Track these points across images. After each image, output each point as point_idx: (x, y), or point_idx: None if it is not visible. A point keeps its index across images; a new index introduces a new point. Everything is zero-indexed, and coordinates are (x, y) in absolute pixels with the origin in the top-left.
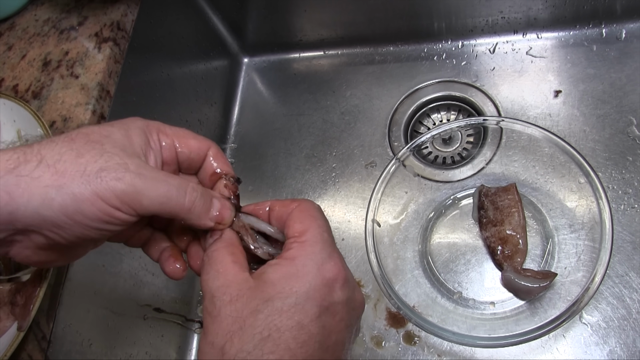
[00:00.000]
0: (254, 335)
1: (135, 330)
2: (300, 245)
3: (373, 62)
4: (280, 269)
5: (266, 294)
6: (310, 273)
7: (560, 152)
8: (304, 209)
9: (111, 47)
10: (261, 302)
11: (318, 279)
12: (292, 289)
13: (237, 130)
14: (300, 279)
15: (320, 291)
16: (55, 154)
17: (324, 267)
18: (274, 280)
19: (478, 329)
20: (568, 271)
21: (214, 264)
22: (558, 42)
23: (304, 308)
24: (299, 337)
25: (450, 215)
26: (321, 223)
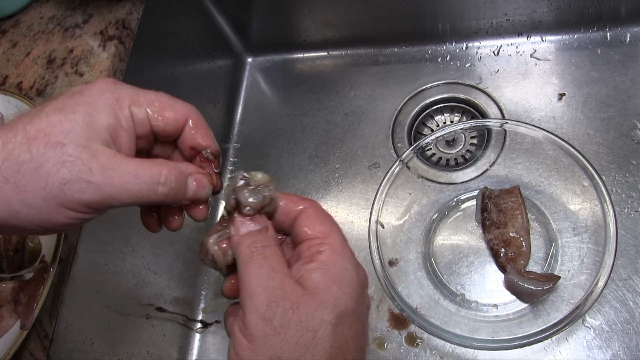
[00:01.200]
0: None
1: (137, 329)
2: (332, 248)
3: (377, 63)
4: (324, 274)
5: (328, 303)
6: (354, 279)
7: (564, 154)
8: (320, 210)
9: (116, 46)
10: (326, 312)
11: (360, 285)
12: (347, 295)
13: (240, 130)
14: (349, 284)
15: (363, 296)
16: (13, 163)
17: (359, 272)
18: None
19: (481, 331)
20: (571, 274)
21: (270, 261)
22: (562, 45)
23: (359, 314)
24: (358, 345)
25: (453, 217)
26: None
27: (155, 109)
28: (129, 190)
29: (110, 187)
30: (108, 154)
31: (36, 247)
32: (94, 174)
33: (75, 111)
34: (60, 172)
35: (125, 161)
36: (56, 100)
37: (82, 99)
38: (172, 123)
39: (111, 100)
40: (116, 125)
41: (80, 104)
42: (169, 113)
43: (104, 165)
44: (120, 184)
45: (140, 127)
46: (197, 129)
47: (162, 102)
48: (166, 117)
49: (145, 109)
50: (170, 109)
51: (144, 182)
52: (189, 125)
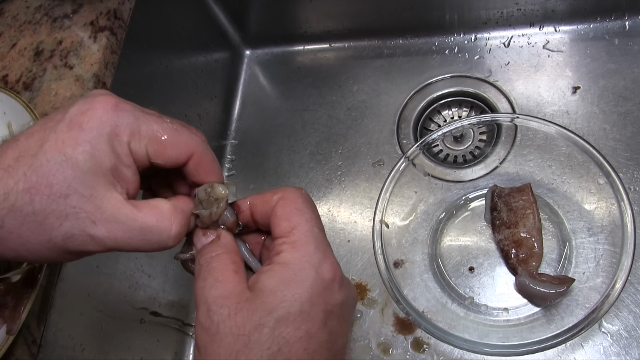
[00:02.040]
0: (262, 352)
1: (130, 334)
2: (292, 247)
3: (381, 56)
4: (276, 275)
5: (268, 305)
6: (309, 277)
7: (579, 151)
8: (287, 203)
9: (107, 37)
10: (264, 314)
11: (319, 283)
12: (295, 296)
13: (238, 126)
14: (300, 284)
15: (322, 295)
16: (17, 215)
17: (322, 268)
18: (272, 288)
19: (490, 336)
20: (586, 277)
21: (214, 272)
22: (577, 35)
23: (310, 315)
24: (309, 347)
25: (461, 216)
26: (309, 216)
27: (156, 148)
28: (132, 246)
29: (113, 242)
30: (113, 203)
31: None
32: (97, 227)
33: (76, 152)
34: (63, 226)
35: (131, 214)
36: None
37: (82, 137)
38: (172, 161)
39: (111, 136)
40: (118, 165)
41: (81, 143)
42: (170, 152)
43: (108, 218)
44: (124, 239)
45: (140, 162)
46: (200, 165)
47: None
48: (167, 155)
49: (145, 148)
50: (173, 147)
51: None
52: (191, 162)
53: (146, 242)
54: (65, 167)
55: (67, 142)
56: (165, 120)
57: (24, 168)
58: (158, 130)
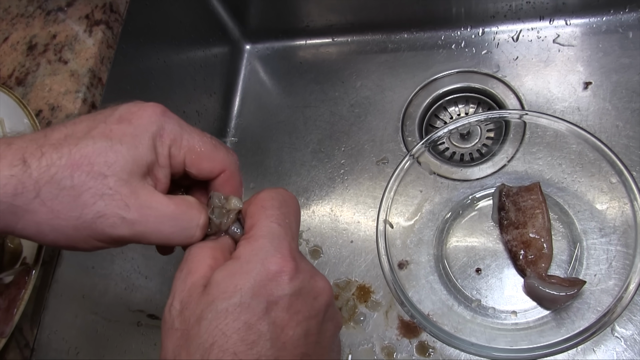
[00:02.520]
0: (199, 346)
1: (126, 337)
2: (247, 242)
3: (385, 51)
4: (225, 269)
5: (210, 297)
6: (254, 269)
7: (590, 149)
8: (255, 201)
9: (103, 31)
10: (205, 306)
11: (262, 274)
12: (236, 287)
13: (238, 123)
14: (244, 275)
15: (266, 286)
16: (54, 187)
17: (269, 260)
18: (218, 280)
19: (498, 340)
20: (598, 279)
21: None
22: (589, 28)
23: (250, 306)
24: (247, 338)
25: (468, 216)
26: (271, 212)
27: (194, 158)
28: (163, 232)
29: (143, 227)
30: (147, 191)
31: (17, 248)
32: (130, 210)
33: (122, 142)
34: (97, 205)
35: (163, 201)
36: (104, 124)
37: (130, 130)
38: (205, 174)
39: (155, 135)
40: (155, 163)
41: (128, 135)
42: (205, 164)
43: (142, 204)
44: (155, 224)
45: (175, 168)
46: (228, 182)
47: (204, 151)
48: (202, 167)
49: (184, 155)
50: (209, 160)
51: (180, 226)
52: (221, 177)
53: (176, 228)
54: (109, 151)
55: (114, 132)
56: (206, 135)
57: (70, 146)
58: (198, 142)
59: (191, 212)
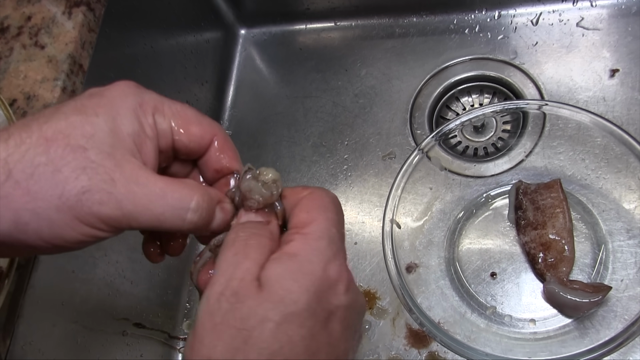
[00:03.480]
0: (262, 351)
1: (109, 348)
2: (303, 238)
3: (393, 36)
4: (282, 264)
5: (274, 295)
6: (316, 272)
7: (616, 142)
8: (314, 198)
9: (84, 13)
10: (271, 306)
11: (324, 279)
12: (302, 288)
13: (233, 115)
14: (307, 276)
15: (327, 293)
16: (27, 165)
17: (329, 265)
18: (278, 277)
19: (515, 350)
20: (625, 284)
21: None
22: (617, 10)
23: (315, 312)
24: (310, 346)
25: (482, 216)
26: (331, 216)
27: (180, 122)
28: (153, 212)
29: (132, 205)
30: (133, 164)
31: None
32: (117, 185)
33: (97, 114)
34: (80, 179)
35: (152, 177)
36: (74, 101)
37: (103, 101)
38: (196, 140)
39: (134, 105)
40: (140, 133)
41: (102, 106)
42: (195, 129)
43: (128, 178)
44: (144, 203)
45: (162, 140)
46: (223, 150)
47: (188, 115)
48: (191, 132)
49: (170, 121)
50: (196, 124)
51: (171, 205)
52: (215, 146)
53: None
54: (84, 124)
55: (87, 105)
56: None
57: (39, 123)
58: (182, 110)
59: (183, 191)
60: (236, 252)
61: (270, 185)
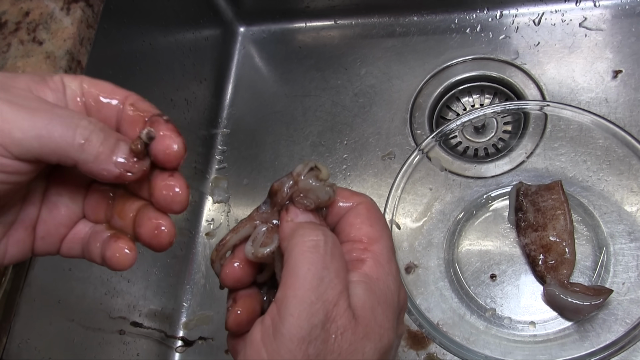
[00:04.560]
0: None
1: (105, 347)
2: (376, 260)
3: (393, 35)
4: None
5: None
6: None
7: (619, 144)
8: (373, 209)
9: (82, 9)
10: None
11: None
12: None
13: (231, 113)
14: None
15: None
16: None
17: (400, 294)
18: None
19: (515, 353)
20: (627, 287)
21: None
22: (620, 10)
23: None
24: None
25: (482, 217)
26: (390, 232)
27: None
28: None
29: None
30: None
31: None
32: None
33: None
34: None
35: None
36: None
37: None
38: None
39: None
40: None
41: None
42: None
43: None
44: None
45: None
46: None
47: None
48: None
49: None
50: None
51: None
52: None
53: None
54: None
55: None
56: None
57: None
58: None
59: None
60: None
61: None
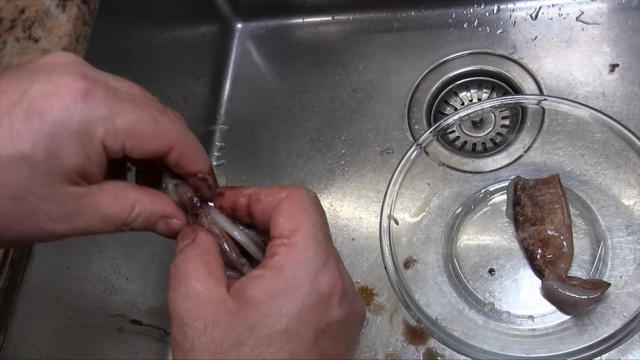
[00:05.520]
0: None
1: (104, 345)
2: (289, 250)
3: (391, 30)
4: (265, 284)
5: (250, 320)
6: (302, 287)
7: (616, 138)
8: (295, 201)
9: (78, 6)
10: (244, 330)
11: (312, 295)
12: (281, 311)
13: (229, 109)
14: (291, 296)
15: (315, 310)
16: None
17: (318, 278)
18: (258, 299)
19: (513, 347)
20: (624, 281)
21: (183, 279)
22: (617, 4)
23: (297, 334)
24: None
25: (480, 212)
26: (315, 220)
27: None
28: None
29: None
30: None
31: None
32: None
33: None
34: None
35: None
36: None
37: (43, 131)
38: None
39: (80, 133)
40: (85, 165)
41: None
42: (149, 145)
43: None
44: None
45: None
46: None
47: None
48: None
49: (121, 142)
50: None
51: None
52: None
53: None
54: (21, 165)
55: (24, 137)
56: (142, 107)
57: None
58: (136, 123)
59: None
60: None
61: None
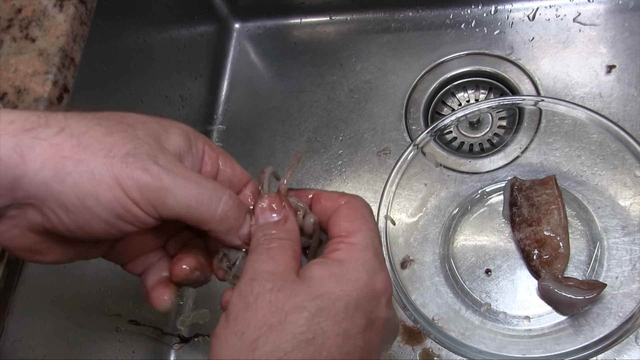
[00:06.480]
0: (296, 335)
1: (101, 345)
2: (350, 247)
3: (388, 30)
4: (327, 268)
5: (314, 290)
6: (361, 279)
7: (613, 139)
8: (354, 207)
9: (76, 6)
10: (308, 298)
11: (369, 288)
12: (343, 291)
13: (226, 109)
14: (352, 282)
15: (369, 302)
16: (82, 126)
17: (375, 276)
18: (321, 277)
19: (509, 348)
20: (620, 281)
21: (273, 251)
22: (614, 5)
23: (353, 316)
24: (343, 347)
25: (477, 212)
26: (372, 227)
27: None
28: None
29: (172, 178)
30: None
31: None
32: (159, 161)
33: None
34: (127, 146)
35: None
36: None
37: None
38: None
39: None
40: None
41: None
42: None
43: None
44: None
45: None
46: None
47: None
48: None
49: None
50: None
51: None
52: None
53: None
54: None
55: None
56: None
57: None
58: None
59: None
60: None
61: None
